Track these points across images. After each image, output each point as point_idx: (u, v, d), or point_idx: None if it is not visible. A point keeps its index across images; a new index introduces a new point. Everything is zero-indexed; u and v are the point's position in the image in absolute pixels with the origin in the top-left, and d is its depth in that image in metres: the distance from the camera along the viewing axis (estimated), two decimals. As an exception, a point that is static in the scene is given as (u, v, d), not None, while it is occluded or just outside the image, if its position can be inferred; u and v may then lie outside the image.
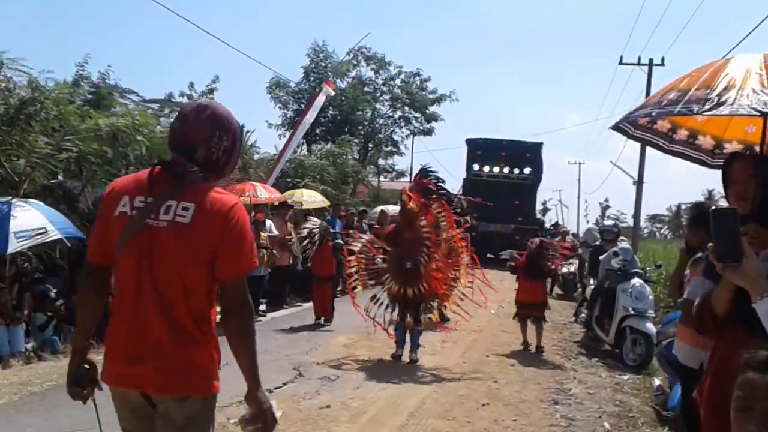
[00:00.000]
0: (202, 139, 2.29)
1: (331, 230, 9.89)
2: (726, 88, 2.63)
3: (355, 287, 7.75)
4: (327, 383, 6.21)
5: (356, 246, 7.96)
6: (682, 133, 3.45)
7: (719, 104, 2.57)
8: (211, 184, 2.31)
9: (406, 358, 7.47)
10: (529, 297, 8.56)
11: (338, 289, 12.05)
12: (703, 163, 3.52)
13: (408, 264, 7.30)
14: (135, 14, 79.13)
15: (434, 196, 7.62)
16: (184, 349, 2.24)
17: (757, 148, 3.39)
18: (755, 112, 2.53)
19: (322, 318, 9.89)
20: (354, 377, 6.51)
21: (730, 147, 3.15)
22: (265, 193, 11.97)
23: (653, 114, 2.91)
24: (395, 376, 6.68)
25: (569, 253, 9.00)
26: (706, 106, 2.60)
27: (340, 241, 9.69)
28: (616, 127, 3.28)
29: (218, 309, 2.40)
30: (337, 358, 7.34)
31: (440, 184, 7.88)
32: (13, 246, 7.67)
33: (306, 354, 7.41)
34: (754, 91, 2.56)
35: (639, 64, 24.33)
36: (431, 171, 7.93)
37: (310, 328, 9.26)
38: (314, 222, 9.70)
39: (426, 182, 7.67)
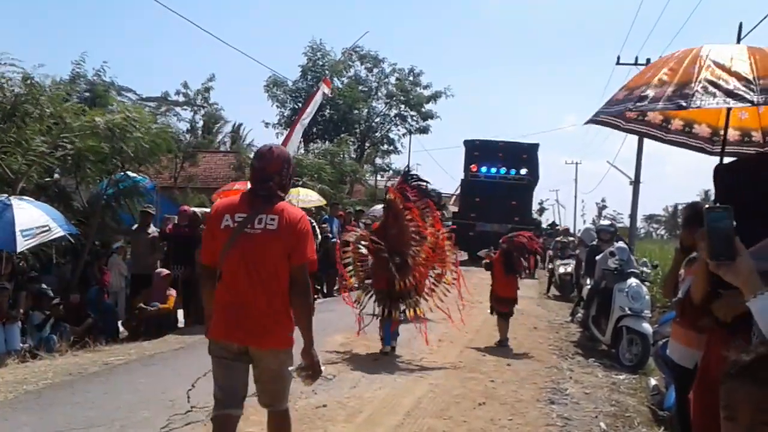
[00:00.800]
0: (276, 172, 3.36)
1: (315, 228, 9.86)
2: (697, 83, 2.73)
3: (352, 276, 7.96)
4: (323, 382, 6.17)
5: (351, 237, 8.20)
6: (677, 123, 3.46)
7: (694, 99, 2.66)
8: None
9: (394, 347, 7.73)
10: (504, 292, 8.75)
11: (335, 287, 12.12)
12: (702, 150, 3.54)
13: (396, 259, 7.47)
14: (131, 12, 78.86)
15: (418, 196, 7.79)
16: (274, 317, 3.27)
17: (755, 134, 3.41)
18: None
19: None
20: (350, 376, 6.50)
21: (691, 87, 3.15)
22: None
23: (631, 107, 2.97)
24: (391, 375, 6.67)
25: (539, 250, 9.39)
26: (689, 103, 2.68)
27: (335, 240, 10.03)
28: (601, 122, 3.30)
29: None
30: (333, 357, 7.33)
31: (423, 186, 8.04)
32: (21, 245, 7.66)
33: (303, 353, 7.38)
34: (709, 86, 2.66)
35: (636, 63, 24.36)
36: (414, 175, 8.25)
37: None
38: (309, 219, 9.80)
39: (406, 187, 7.84)
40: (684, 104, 2.70)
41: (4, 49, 9.68)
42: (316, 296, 9.90)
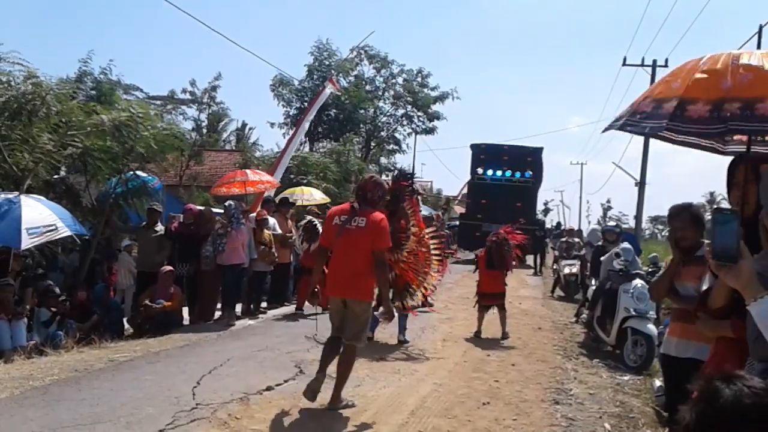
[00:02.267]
0: (370, 191, 5.43)
1: (316, 225, 10.26)
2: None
3: None
4: (328, 381, 6.18)
5: None
6: (670, 106, 3.34)
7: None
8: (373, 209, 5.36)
9: (393, 339, 8.36)
10: (490, 288, 9.22)
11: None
12: (714, 150, 3.45)
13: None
14: (138, 11, 79.09)
15: (408, 195, 8.12)
16: (362, 280, 5.20)
17: None
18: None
19: (316, 307, 9.85)
20: (354, 375, 6.45)
21: (728, 108, 3.05)
22: (255, 176, 11.91)
23: (665, 125, 2.80)
24: (396, 374, 6.68)
25: (521, 242, 9.66)
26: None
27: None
28: (622, 128, 3.21)
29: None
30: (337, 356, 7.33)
31: (412, 185, 8.44)
32: (26, 242, 7.71)
33: (307, 351, 7.40)
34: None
35: (642, 65, 24.43)
36: (409, 173, 8.73)
37: (311, 326, 9.25)
38: (310, 217, 10.59)
39: (403, 184, 8.17)
40: (721, 130, 2.58)
41: (12, 48, 9.70)
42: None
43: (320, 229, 9.65)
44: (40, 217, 8.00)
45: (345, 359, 5.34)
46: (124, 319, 9.67)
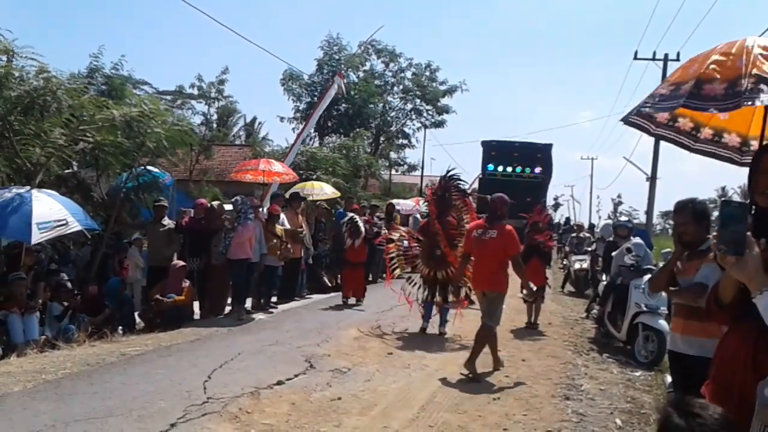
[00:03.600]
0: (499, 208, 6.89)
1: (358, 223, 11.30)
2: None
3: (394, 269, 9.34)
4: (338, 375, 6.22)
5: (395, 235, 9.68)
6: (707, 132, 3.36)
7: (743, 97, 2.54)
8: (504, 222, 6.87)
9: (433, 330, 8.82)
10: (534, 281, 9.12)
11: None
12: (731, 161, 3.44)
13: (437, 251, 8.74)
14: (146, 6, 79.40)
15: (458, 195, 9.08)
16: (495, 277, 6.66)
17: None
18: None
19: (354, 298, 11.24)
20: (365, 370, 6.52)
21: (756, 143, 3.09)
22: (280, 167, 11.94)
23: (683, 104, 2.82)
24: (406, 369, 6.69)
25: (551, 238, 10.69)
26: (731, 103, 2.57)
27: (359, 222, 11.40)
28: (632, 123, 3.21)
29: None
30: (347, 351, 7.35)
31: (461, 185, 9.35)
32: (36, 237, 7.73)
33: (317, 346, 7.42)
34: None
35: (654, 59, 24.25)
36: (454, 176, 9.25)
37: (320, 321, 9.28)
38: (352, 215, 11.46)
39: (450, 185, 9.08)
40: (737, 104, 2.60)
41: (25, 43, 9.70)
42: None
43: (361, 226, 11.19)
44: (50, 212, 8.02)
45: (481, 334, 6.71)
46: (136, 314, 9.71)
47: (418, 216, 13.84)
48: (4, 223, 7.76)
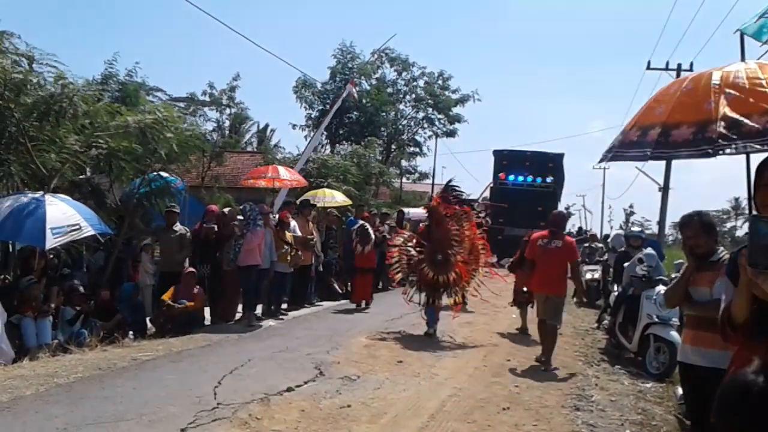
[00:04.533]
0: (561, 223, 8.37)
1: (368, 230, 11.77)
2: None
3: (397, 272, 9.62)
4: (348, 383, 6.22)
5: (398, 240, 9.93)
6: (654, 133, 3.23)
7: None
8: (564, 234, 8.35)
9: (434, 333, 9.12)
10: (526, 285, 9.66)
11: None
12: (706, 154, 3.34)
13: (438, 256, 9.06)
14: (161, 13, 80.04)
15: (458, 203, 9.47)
16: (558, 281, 7.74)
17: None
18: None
19: (363, 303, 11.63)
20: (374, 378, 6.52)
21: (713, 129, 2.92)
22: (287, 174, 12.02)
23: (649, 154, 2.81)
24: (416, 378, 6.67)
25: None
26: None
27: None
28: (619, 157, 3.17)
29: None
30: (357, 358, 7.35)
31: (462, 195, 9.93)
32: (50, 242, 7.83)
33: (327, 353, 7.43)
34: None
35: (667, 69, 24.13)
36: (454, 186, 9.84)
37: (330, 328, 9.29)
38: (363, 223, 11.83)
39: (448, 195, 9.57)
40: (710, 151, 2.57)
41: (36, 47, 9.80)
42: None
43: (371, 233, 11.60)
44: (63, 217, 8.11)
45: (549, 333, 7.71)
46: (147, 319, 9.77)
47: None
48: (20, 228, 7.86)
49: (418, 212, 20.01)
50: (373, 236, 11.64)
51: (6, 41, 9.36)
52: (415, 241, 9.65)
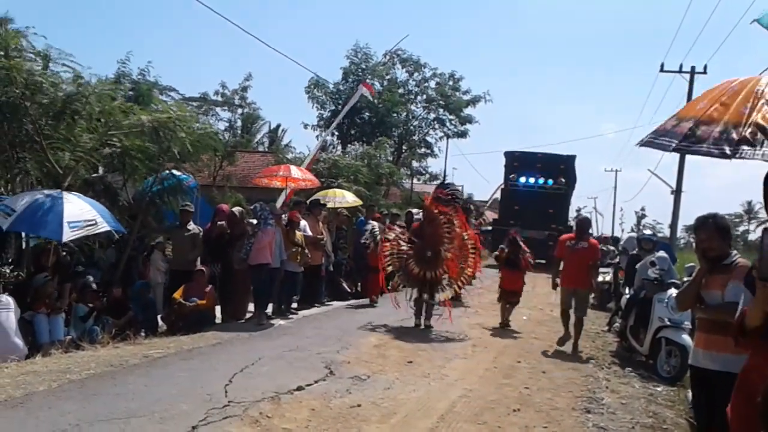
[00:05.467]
0: (587, 228, 9.60)
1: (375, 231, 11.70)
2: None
3: (387, 266, 10.01)
4: (358, 382, 6.23)
5: (391, 235, 10.32)
6: (686, 126, 3.24)
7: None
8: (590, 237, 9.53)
9: (421, 324, 9.73)
10: (509, 285, 10.57)
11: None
12: (724, 155, 3.34)
13: (428, 253, 9.56)
14: (173, 13, 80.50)
15: (450, 203, 9.88)
16: (584, 277, 8.93)
17: None
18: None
19: (369, 300, 12.06)
20: (384, 377, 6.52)
21: (739, 131, 2.94)
22: (299, 173, 12.03)
23: (674, 145, 2.81)
24: (425, 378, 6.68)
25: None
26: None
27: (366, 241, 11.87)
28: (648, 145, 3.19)
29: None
30: (367, 358, 7.36)
31: (455, 194, 10.39)
32: (67, 235, 7.94)
33: (337, 353, 7.45)
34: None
35: (680, 71, 24.04)
36: (448, 184, 10.76)
37: (340, 327, 9.30)
38: (373, 224, 11.80)
39: (442, 192, 10.04)
40: (728, 152, 2.56)
41: (57, 46, 9.91)
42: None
43: (378, 234, 11.44)
44: (80, 212, 8.23)
45: (577, 325, 8.91)
46: (158, 316, 9.82)
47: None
48: (38, 221, 8.00)
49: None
50: (378, 236, 11.73)
51: (23, 39, 9.43)
52: (406, 236, 10.10)
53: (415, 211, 17.18)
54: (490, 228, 28.78)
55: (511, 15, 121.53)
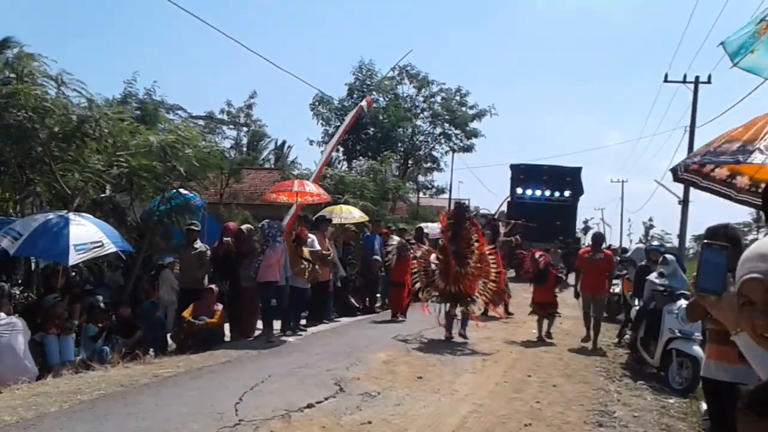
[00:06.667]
0: (602, 241, 11.43)
1: (408, 246, 12.45)
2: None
3: (415, 283, 10.59)
4: (368, 399, 6.22)
5: (418, 252, 10.94)
6: (743, 181, 3.42)
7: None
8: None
9: (456, 337, 10.12)
10: (542, 298, 11.05)
11: (376, 305, 12.91)
12: (729, 197, 3.50)
13: (454, 269, 9.90)
14: (178, 33, 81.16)
15: (467, 222, 10.41)
16: (603, 284, 10.57)
17: None
18: None
19: (398, 315, 12.28)
20: (395, 394, 6.50)
21: (755, 144, 3.12)
22: (313, 187, 12.01)
23: (696, 161, 2.98)
24: (436, 394, 6.65)
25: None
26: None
27: (377, 258, 13.35)
28: (682, 180, 3.33)
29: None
30: (376, 374, 7.35)
31: (471, 216, 11.12)
32: (74, 258, 7.98)
33: (347, 369, 7.43)
34: None
35: (685, 81, 24.03)
36: (464, 205, 11.56)
37: (350, 344, 9.29)
38: (395, 239, 12.74)
39: (462, 215, 10.57)
40: (741, 159, 2.69)
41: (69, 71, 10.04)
42: (358, 312, 11.20)
43: (403, 249, 12.37)
44: (87, 234, 8.26)
45: (595, 326, 10.33)
46: (168, 335, 9.83)
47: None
48: (46, 245, 8.03)
49: (435, 227, 20.04)
50: (398, 252, 12.38)
51: (35, 63, 9.55)
52: (433, 255, 10.60)
53: (424, 225, 17.29)
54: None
55: (514, 28, 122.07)
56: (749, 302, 1.53)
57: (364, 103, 17.87)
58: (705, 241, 2.04)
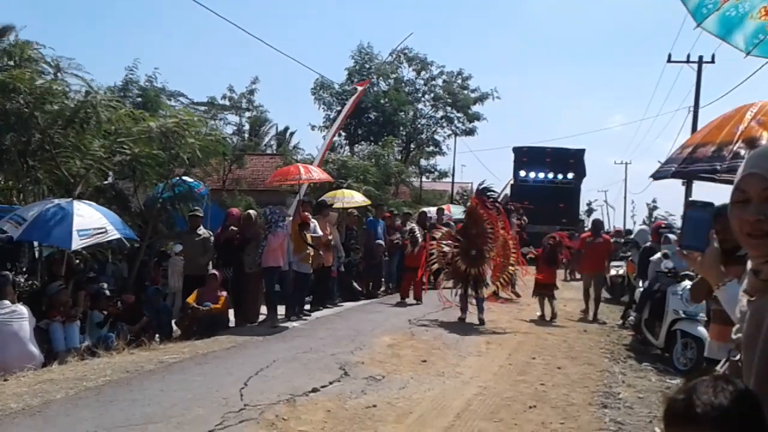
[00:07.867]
0: (601, 225, 13.05)
1: (416, 233, 12.56)
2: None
3: (432, 264, 10.75)
4: (373, 383, 6.23)
5: (437, 234, 11.11)
6: (687, 151, 3.44)
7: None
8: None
9: (473, 320, 10.17)
10: (545, 279, 11.14)
11: (380, 289, 12.89)
12: (712, 179, 3.53)
13: (473, 251, 10.17)
14: (178, 19, 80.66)
15: (493, 206, 10.49)
16: (601, 264, 11.80)
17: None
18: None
19: (413, 299, 12.36)
20: (399, 377, 6.51)
21: (729, 149, 3.10)
22: (317, 171, 11.95)
23: (674, 169, 3.08)
24: (440, 377, 6.66)
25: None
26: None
27: (380, 241, 13.44)
28: (657, 173, 3.38)
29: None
30: (381, 358, 7.36)
31: (496, 198, 11.22)
32: (76, 243, 8.01)
33: (351, 353, 7.44)
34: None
35: (688, 61, 23.83)
36: (490, 189, 11.07)
37: (354, 328, 9.30)
38: (413, 226, 12.90)
39: (485, 200, 10.53)
40: (718, 168, 2.72)
41: (67, 56, 9.99)
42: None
43: (419, 236, 12.45)
44: (90, 221, 8.28)
45: (596, 300, 11.47)
46: (173, 321, 9.87)
47: (451, 222, 13.95)
48: (48, 230, 8.06)
49: (454, 212, 20.31)
50: (420, 238, 12.34)
51: (31, 51, 9.51)
52: (450, 238, 10.75)
53: (427, 209, 17.35)
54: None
55: (516, 10, 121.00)
56: (744, 200, 1.55)
57: (360, 87, 17.85)
58: (690, 200, 2.08)
